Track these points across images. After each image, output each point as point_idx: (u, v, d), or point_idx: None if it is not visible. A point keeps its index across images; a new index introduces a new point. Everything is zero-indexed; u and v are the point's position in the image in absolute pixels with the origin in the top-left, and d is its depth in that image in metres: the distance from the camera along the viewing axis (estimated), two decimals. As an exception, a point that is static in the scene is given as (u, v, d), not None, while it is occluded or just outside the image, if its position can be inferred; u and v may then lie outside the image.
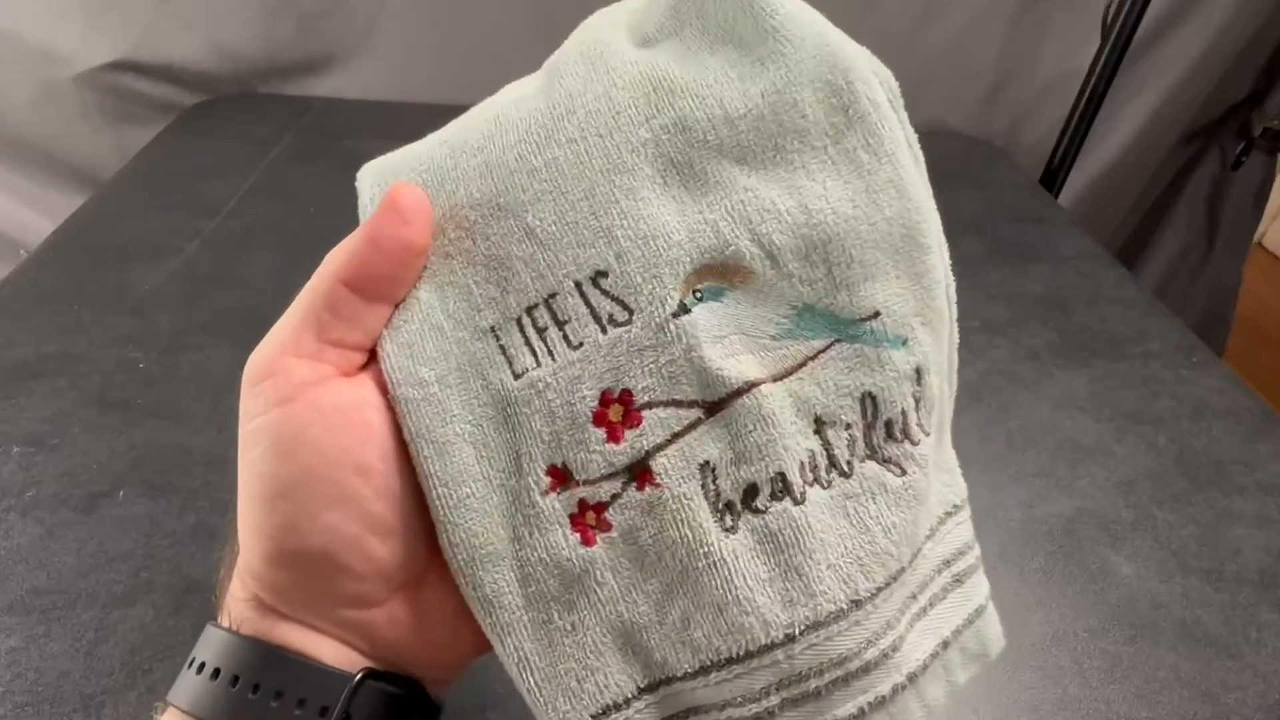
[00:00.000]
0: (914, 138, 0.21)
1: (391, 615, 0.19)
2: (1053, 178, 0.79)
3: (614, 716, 0.18)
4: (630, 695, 0.18)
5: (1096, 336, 0.52)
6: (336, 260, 0.18)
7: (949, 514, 0.21)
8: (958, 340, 0.21)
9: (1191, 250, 0.98)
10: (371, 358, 0.19)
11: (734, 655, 0.18)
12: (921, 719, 0.19)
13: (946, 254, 0.21)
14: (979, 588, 0.21)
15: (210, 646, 0.18)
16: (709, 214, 0.18)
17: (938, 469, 0.21)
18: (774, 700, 0.18)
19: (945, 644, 0.20)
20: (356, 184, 0.22)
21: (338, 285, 0.18)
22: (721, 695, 0.18)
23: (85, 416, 0.40)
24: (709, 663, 0.18)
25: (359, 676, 0.17)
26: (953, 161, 0.76)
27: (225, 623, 0.19)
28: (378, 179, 0.21)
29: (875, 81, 0.19)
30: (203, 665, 0.18)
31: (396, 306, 0.19)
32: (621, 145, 0.18)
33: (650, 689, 0.18)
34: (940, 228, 0.21)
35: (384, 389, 0.18)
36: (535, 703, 0.18)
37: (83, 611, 0.32)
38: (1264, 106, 0.89)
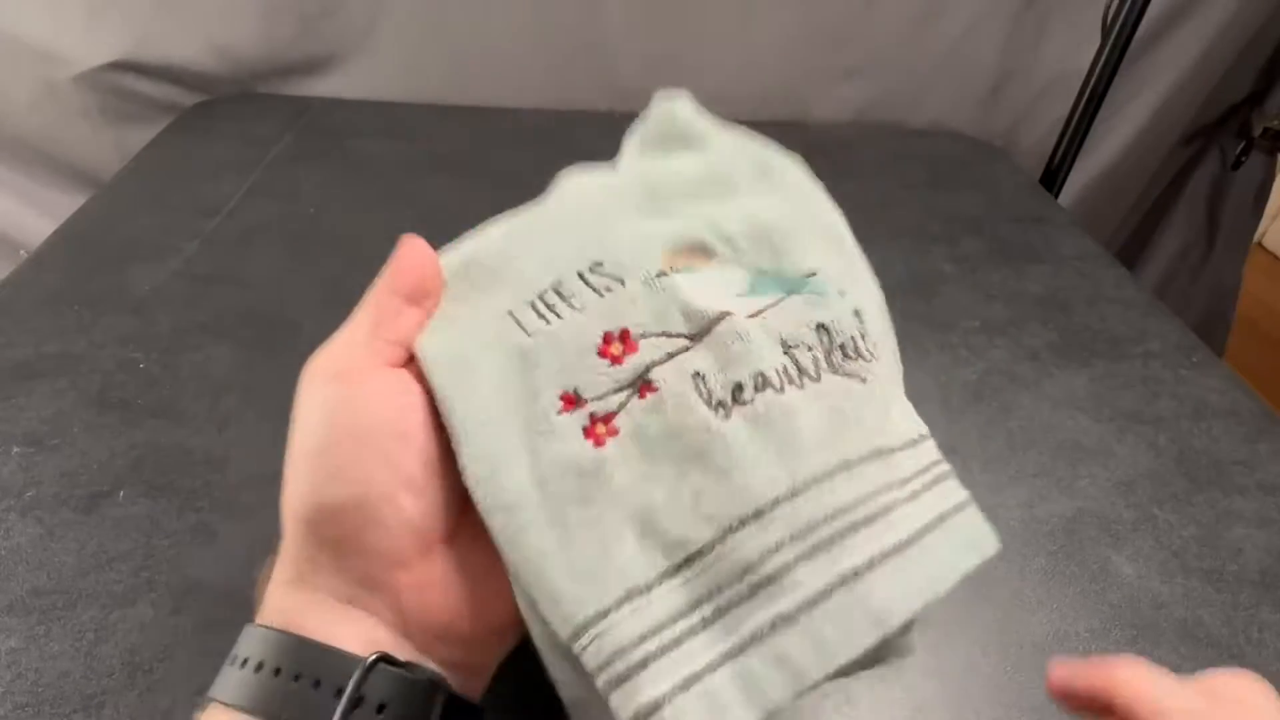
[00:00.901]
0: (821, 192, 0.28)
1: (416, 579, 0.20)
2: (1053, 178, 0.79)
3: (636, 601, 0.19)
4: (651, 580, 0.19)
5: (1096, 336, 0.52)
6: (383, 274, 0.23)
7: (914, 441, 0.24)
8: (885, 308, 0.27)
9: (1191, 250, 0.98)
10: (412, 359, 0.22)
11: (745, 515, 0.19)
12: (930, 580, 0.20)
13: (855, 244, 0.28)
14: (958, 489, 0.23)
15: (246, 642, 0.20)
16: (679, 221, 0.24)
17: (900, 400, 0.25)
18: (789, 554, 0.19)
19: (941, 517, 0.22)
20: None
21: (385, 292, 0.23)
22: (740, 560, 0.19)
23: (85, 416, 0.40)
24: (724, 528, 0.19)
25: (372, 659, 0.19)
26: (953, 161, 0.76)
27: (259, 620, 0.20)
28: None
29: (774, 150, 0.28)
30: (244, 661, 0.19)
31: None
32: (611, 201, 0.25)
33: (671, 572, 0.19)
34: (847, 227, 0.28)
35: (423, 379, 0.21)
36: (556, 597, 0.19)
37: (83, 611, 0.32)
38: (1264, 106, 0.89)
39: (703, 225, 0.24)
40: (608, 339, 0.21)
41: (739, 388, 0.21)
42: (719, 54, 0.78)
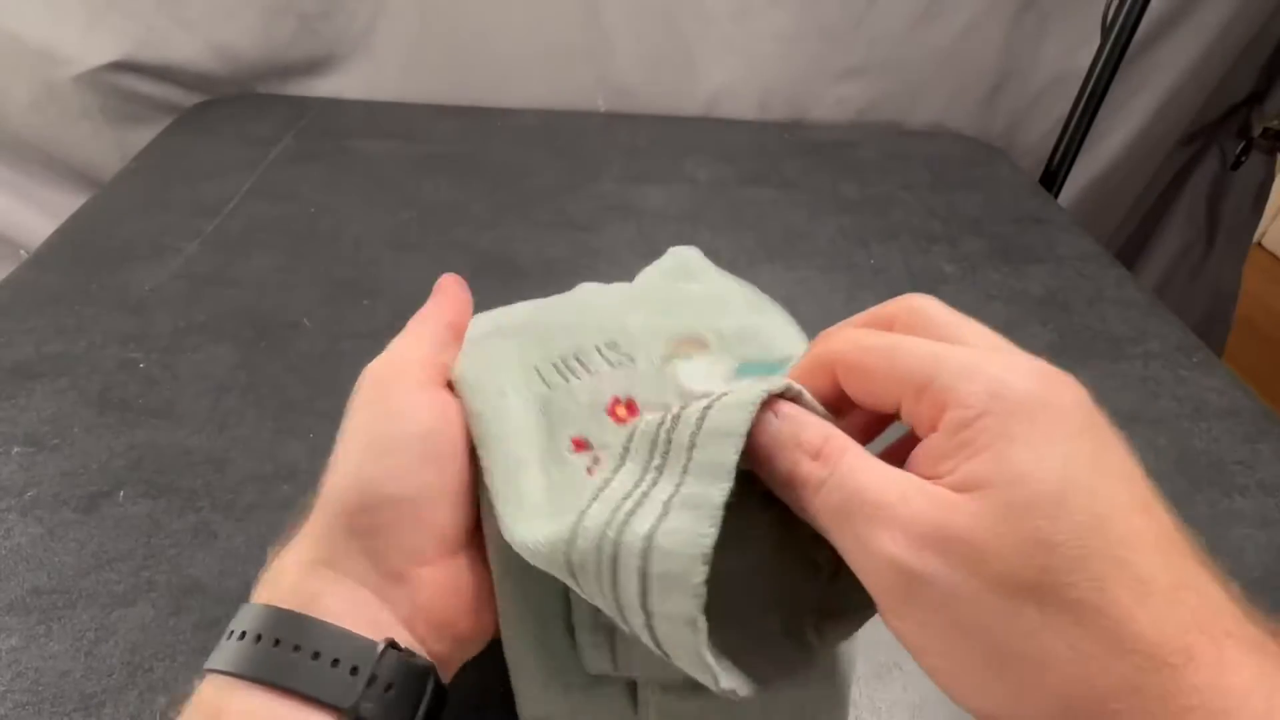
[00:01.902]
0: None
1: (433, 575, 0.22)
2: (1052, 178, 0.79)
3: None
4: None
5: (1096, 336, 0.52)
6: (434, 304, 0.29)
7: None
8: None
9: (1191, 250, 0.98)
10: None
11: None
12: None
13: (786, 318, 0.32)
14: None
15: (250, 618, 0.21)
16: (683, 319, 0.28)
17: None
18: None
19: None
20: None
21: (440, 320, 0.27)
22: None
23: (85, 416, 0.40)
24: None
25: (384, 645, 0.20)
26: (953, 161, 0.76)
27: (264, 599, 0.21)
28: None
29: (752, 288, 0.33)
30: (244, 634, 0.20)
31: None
32: (626, 300, 0.31)
33: None
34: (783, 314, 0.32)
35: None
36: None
37: (83, 611, 0.32)
38: (1264, 106, 0.89)
39: (702, 323, 0.28)
40: (615, 401, 0.25)
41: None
42: (719, 54, 0.78)
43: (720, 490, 0.18)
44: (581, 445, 0.24)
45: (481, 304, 0.52)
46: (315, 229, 0.58)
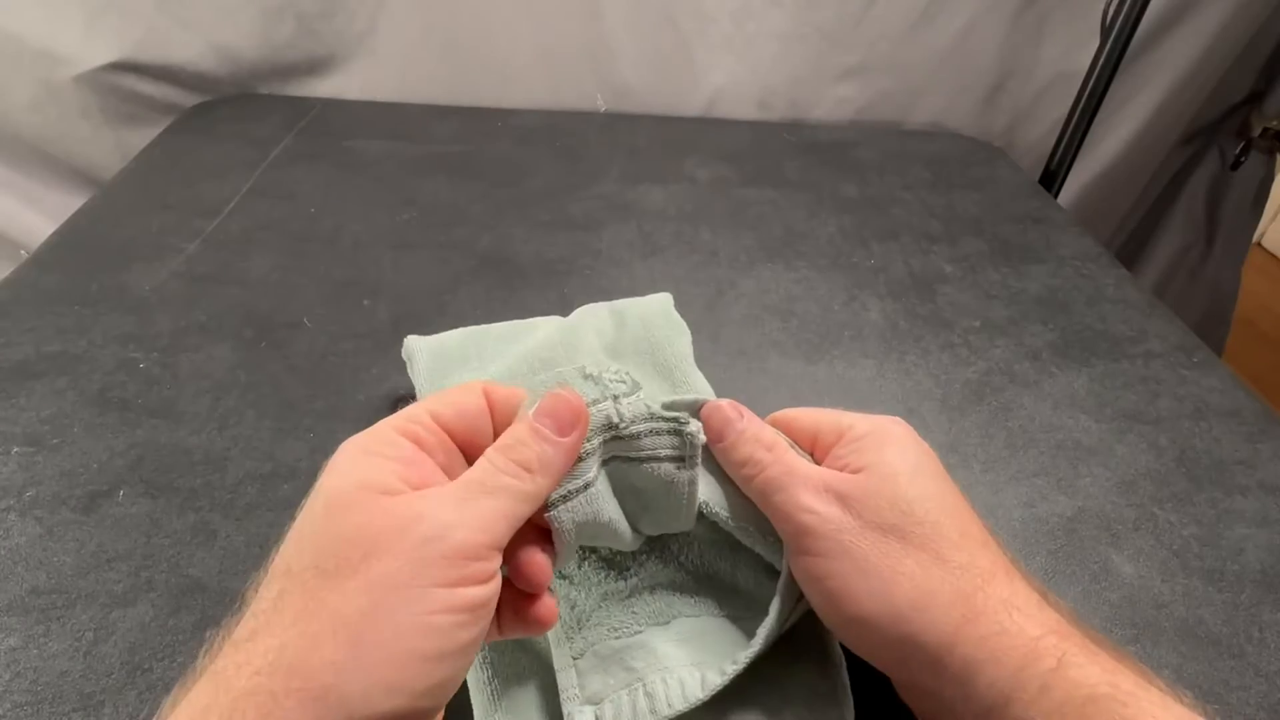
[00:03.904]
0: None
1: None
2: (1052, 178, 0.79)
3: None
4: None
5: (1097, 336, 0.52)
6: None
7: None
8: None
9: (1191, 250, 0.98)
10: None
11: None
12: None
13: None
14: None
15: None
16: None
17: None
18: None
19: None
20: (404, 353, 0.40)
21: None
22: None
23: (85, 416, 0.40)
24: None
25: None
26: (953, 161, 0.76)
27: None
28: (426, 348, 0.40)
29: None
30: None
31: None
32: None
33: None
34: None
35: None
36: None
37: (82, 611, 0.32)
38: (1263, 106, 0.89)
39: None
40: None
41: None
42: (719, 54, 0.78)
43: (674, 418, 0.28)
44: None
45: (481, 304, 0.52)
46: (315, 229, 0.57)
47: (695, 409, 0.30)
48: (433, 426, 0.24)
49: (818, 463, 0.29)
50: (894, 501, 0.26)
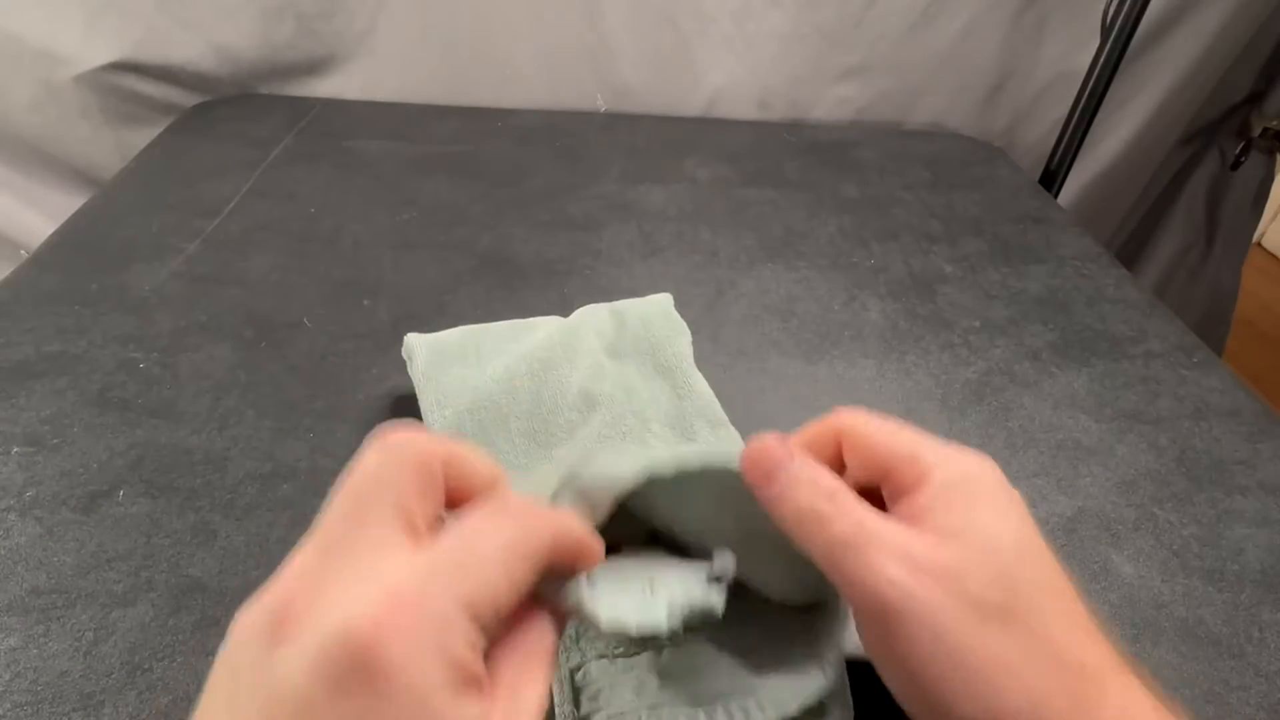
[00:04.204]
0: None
1: None
2: (1052, 178, 0.79)
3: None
4: None
5: (1097, 336, 0.52)
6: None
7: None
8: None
9: (1191, 250, 0.98)
10: None
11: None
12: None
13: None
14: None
15: None
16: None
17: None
18: None
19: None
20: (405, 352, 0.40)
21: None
22: None
23: (85, 416, 0.40)
24: None
25: None
26: (953, 161, 0.76)
27: None
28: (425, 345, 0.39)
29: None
30: None
31: None
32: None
33: None
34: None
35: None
36: None
37: (82, 611, 0.32)
38: (1264, 106, 0.89)
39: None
40: None
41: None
42: (719, 54, 0.78)
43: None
44: None
45: (481, 304, 0.52)
46: (315, 229, 0.57)
47: (729, 464, 0.24)
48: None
49: (885, 505, 0.24)
50: (998, 580, 0.21)
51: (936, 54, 0.79)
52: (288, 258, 0.54)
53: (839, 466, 0.25)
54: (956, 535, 0.21)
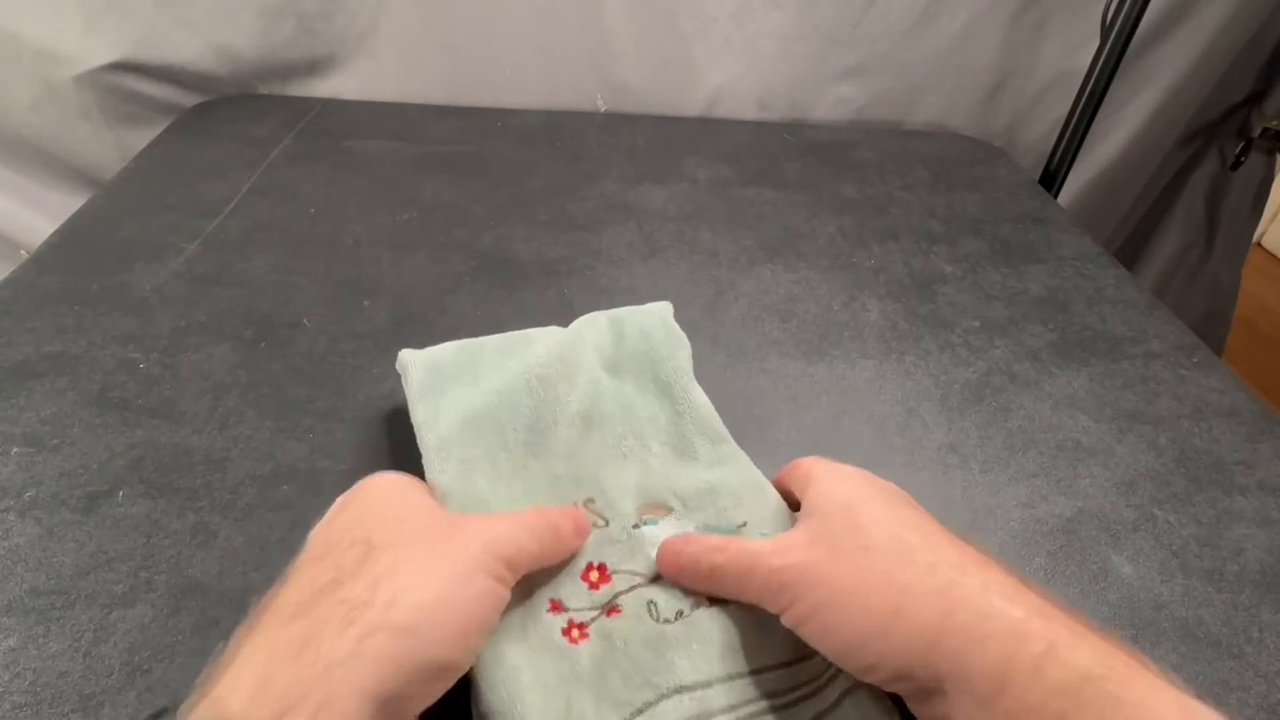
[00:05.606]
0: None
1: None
2: (1052, 178, 0.79)
3: None
4: None
5: (1097, 336, 0.52)
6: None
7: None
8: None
9: (1191, 250, 0.98)
10: None
11: (676, 686, 0.27)
12: None
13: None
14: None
15: None
16: (651, 480, 0.34)
17: None
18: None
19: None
20: (399, 366, 0.39)
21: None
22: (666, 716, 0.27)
23: (85, 416, 0.40)
24: (661, 693, 0.26)
25: None
26: (953, 161, 0.76)
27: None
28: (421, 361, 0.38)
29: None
30: None
31: None
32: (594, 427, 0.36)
33: None
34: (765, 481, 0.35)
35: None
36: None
37: (82, 611, 0.32)
38: (1264, 106, 0.89)
39: (666, 485, 0.34)
40: (589, 567, 0.30)
41: (680, 612, 0.29)
42: (719, 54, 0.78)
43: None
44: (557, 607, 0.29)
45: (481, 304, 0.52)
46: (315, 229, 0.57)
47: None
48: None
49: None
50: (852, 527, 0.27)
51: (936, 54, 0.79)
52: (288, 258, 0.54)
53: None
54: (814, 513, 0.28)
